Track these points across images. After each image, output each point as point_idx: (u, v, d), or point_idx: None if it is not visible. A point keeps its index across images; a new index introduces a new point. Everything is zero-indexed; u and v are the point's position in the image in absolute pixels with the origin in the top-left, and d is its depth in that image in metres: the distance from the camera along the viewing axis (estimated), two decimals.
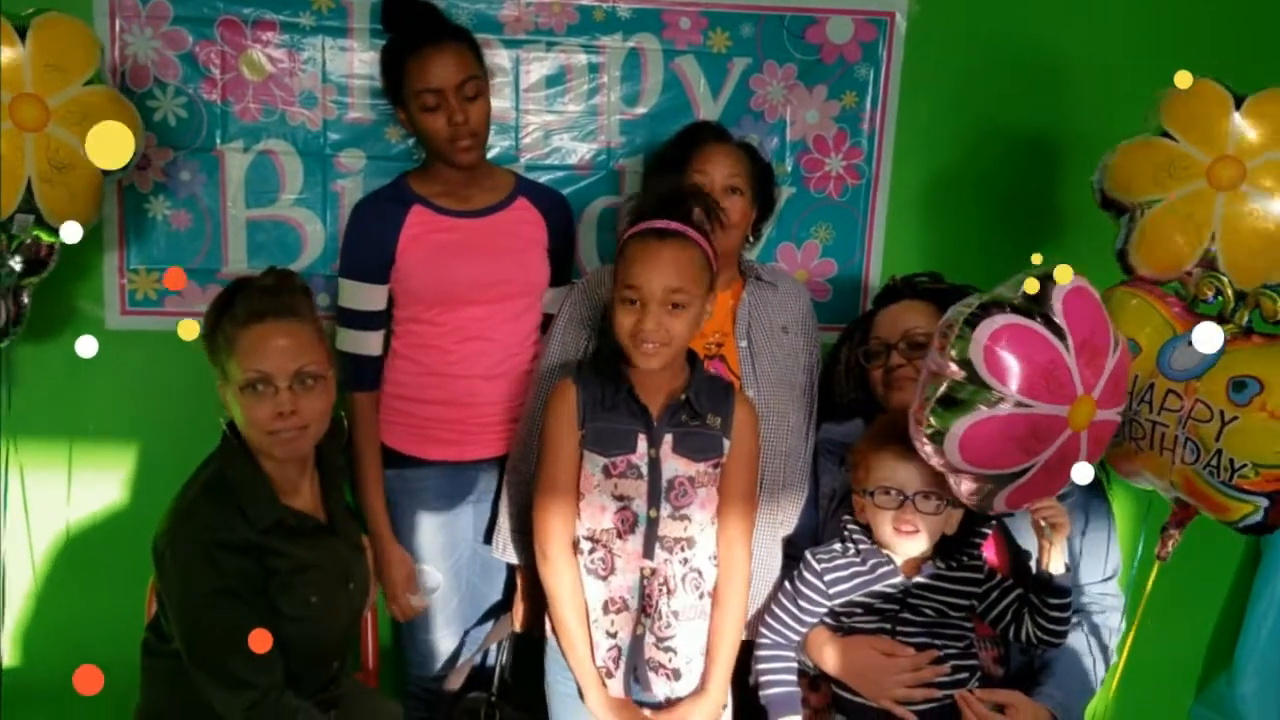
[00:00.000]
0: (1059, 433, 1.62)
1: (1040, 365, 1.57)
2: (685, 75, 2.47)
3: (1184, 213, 1.90)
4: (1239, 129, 1.86)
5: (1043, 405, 1.59)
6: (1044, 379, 1.57)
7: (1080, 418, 1.62)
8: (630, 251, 1.78)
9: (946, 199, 2.64)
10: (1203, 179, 1.87)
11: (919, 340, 2.04)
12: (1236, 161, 1.84)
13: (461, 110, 2.07)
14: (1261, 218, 1.86)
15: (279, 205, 2.39)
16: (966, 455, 1.63)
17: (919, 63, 2.54)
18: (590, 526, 1.85)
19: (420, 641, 2.30)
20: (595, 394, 1.83)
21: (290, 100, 2.35)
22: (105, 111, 1.96)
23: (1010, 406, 1.58)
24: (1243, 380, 1.74)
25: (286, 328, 1.71)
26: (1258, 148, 1.86)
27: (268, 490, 1.72)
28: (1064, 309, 1.59)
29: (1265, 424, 1.71)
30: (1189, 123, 1.90)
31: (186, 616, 1.67)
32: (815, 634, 1.93)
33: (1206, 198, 1.87)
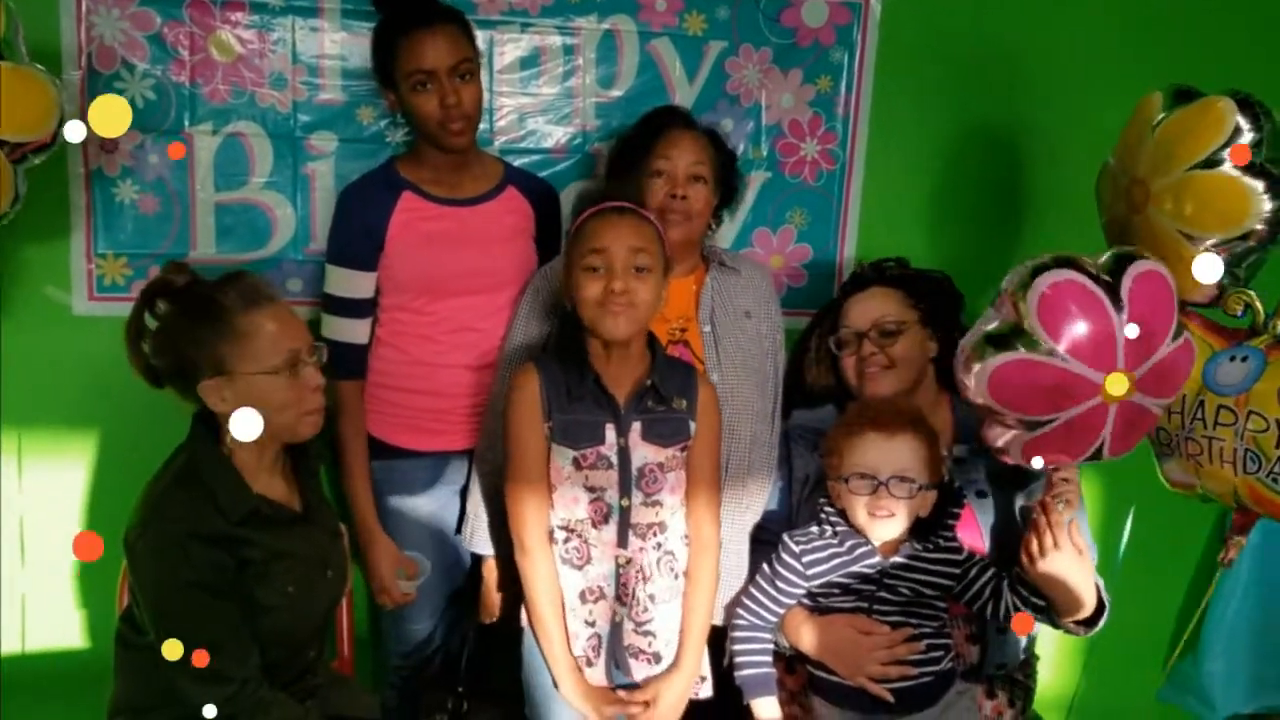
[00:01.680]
0: (1088, 397, 1.64)
1: (1088, 327, 1.60)
2: (661, 58, 2.45)
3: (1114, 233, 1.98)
4: (1152, 148, 1.86)
5: (1078, 365, 1.61)
6: (1089, 341, 1.60)
7: (1114, 390, 1.63)
8: (590, 225, 1.81)
9: (921, 184, 2.65)
10: (1123, 201, 1.91)
11: (889, 328, 2.06)
12: (1143, 185, 1.86)
13: (454, 92, 2.05)
14: (1169, 241, 1.85)
15: (248, 189, 2.35)
16: (992, 389, 1.67)
17: (893, 47, 2.54)
18: (565, 517, 1.85)
19: (402, 629, 2.30)
20: (559, 384, 1.83)
21: (260, 82, 2.32)
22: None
23: (1049, 358, 1.61)
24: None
25: (284, 307, 1.72)
26: (1163, 170, 1.85)
27: (240, 480, 1.70)
28: (1131, 284, 1.62)
29: None
30: (1121, 143, 1.95)
31: (160, 609, 1.65)
32: (792, 614, 1.95)
33: (1127, 220, 1.90)
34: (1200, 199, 1.79)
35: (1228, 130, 1.78)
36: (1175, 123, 1.84)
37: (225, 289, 1.68)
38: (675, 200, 2.02)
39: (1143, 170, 1.84)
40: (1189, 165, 1.80)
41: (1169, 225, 1.82)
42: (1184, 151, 1.81)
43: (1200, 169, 1.79)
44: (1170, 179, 1.81)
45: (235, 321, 1.66)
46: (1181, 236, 1.81)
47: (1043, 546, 1.80)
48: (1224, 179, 1.80)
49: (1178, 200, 1.81)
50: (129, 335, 1.71)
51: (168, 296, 1.71)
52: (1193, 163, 1.80)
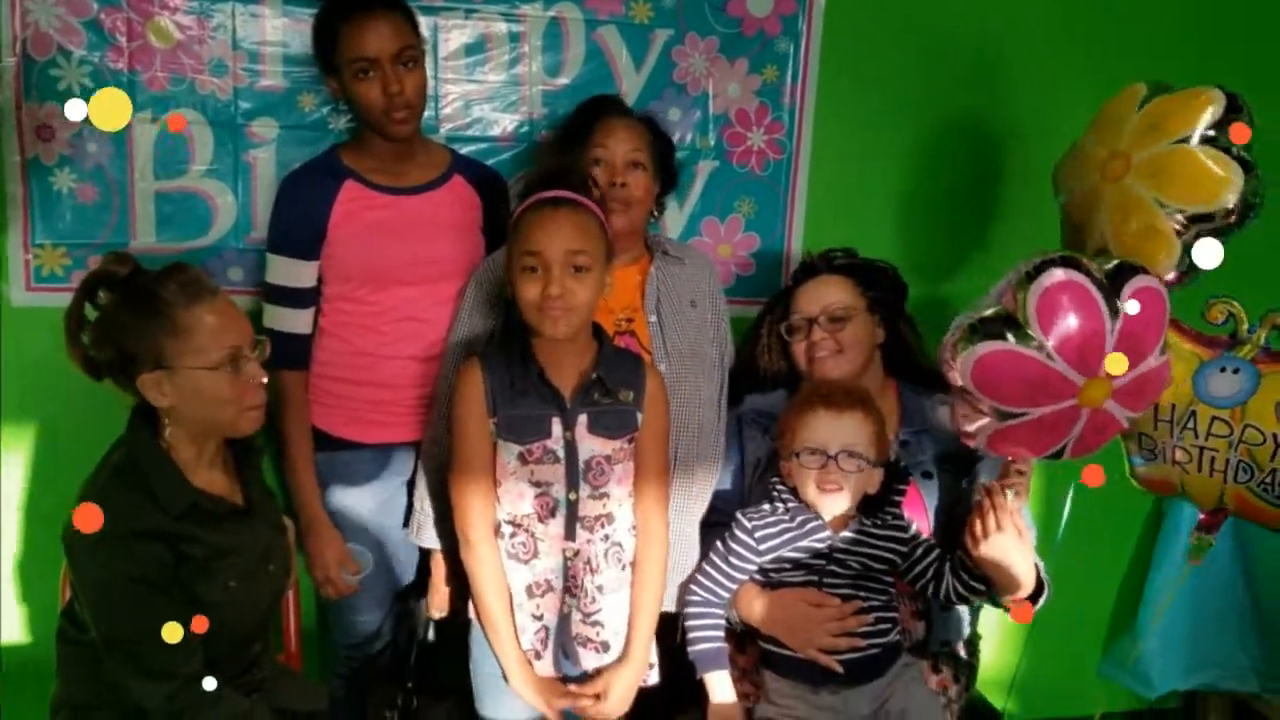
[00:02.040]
0: (1065, 397, 1.69)
1: (1081, 328, 1.65)
2: (607, 46, 2.45)
3: (1082, 204, 2.00)
4: (1135, 125, 1.92)
5: (1063, 365, 1.66)
6: (1077, 342, 1.65)
7: (1092, 395, 1.69)
8: (526, 221, 1.78)
9: (867, 174, 2.67)
10: (1097, 173, 1.95)
11: (838, 314, 2.11)
12: (1124, 156, 1.91)
13: (398, 80, 2.03)
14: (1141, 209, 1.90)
15: (189, 177, 2.32)
16: (975, 375, 1.71)
17: (838, 37, 2.56)
18: (510, 511, 1.84)
19: (349, 622, 2.28)
20: (503, 378, 1.82)
21: (200, 68, 2.28)
22: None
23: (1036, 352, 1.66)
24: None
25: (227, 300, 1.71)
26: (1146, 143, 1.90)
27: (179, 475, 1.68)
28: (1130, 292, 1.67)
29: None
30: (1100, 123, 1.99)
31: (101, 607, 1.63)
32: (745, 589, 1.98)
33: (1100, 191, 1.94)
34: (1182, 171, 1.85)
35: (1215, 112, 1.84)
36: (1163, 102, 1.90)
37: (167, 281, 1.66)
38: (615, 188, 2.01)
39: (1125, 144, 1.90)
40: (1174, 139, 1.86)
41: (1146, 194, 1.87)
42: (1170, 127, 1.87)
43: (1184, 144, 1.86)
44: (1154, 150, 1.87)
45: (177, 315, 1.63)
46: (1156, 205, 1.87)
47: (985, 529, 1.84)
48: (1206, 155, 1.85)
49: (1159, 170, 1.86)
50: (68, 326, 1.68)
51: (109, 287, 1.68)
52: (1177, 138, 1.86)
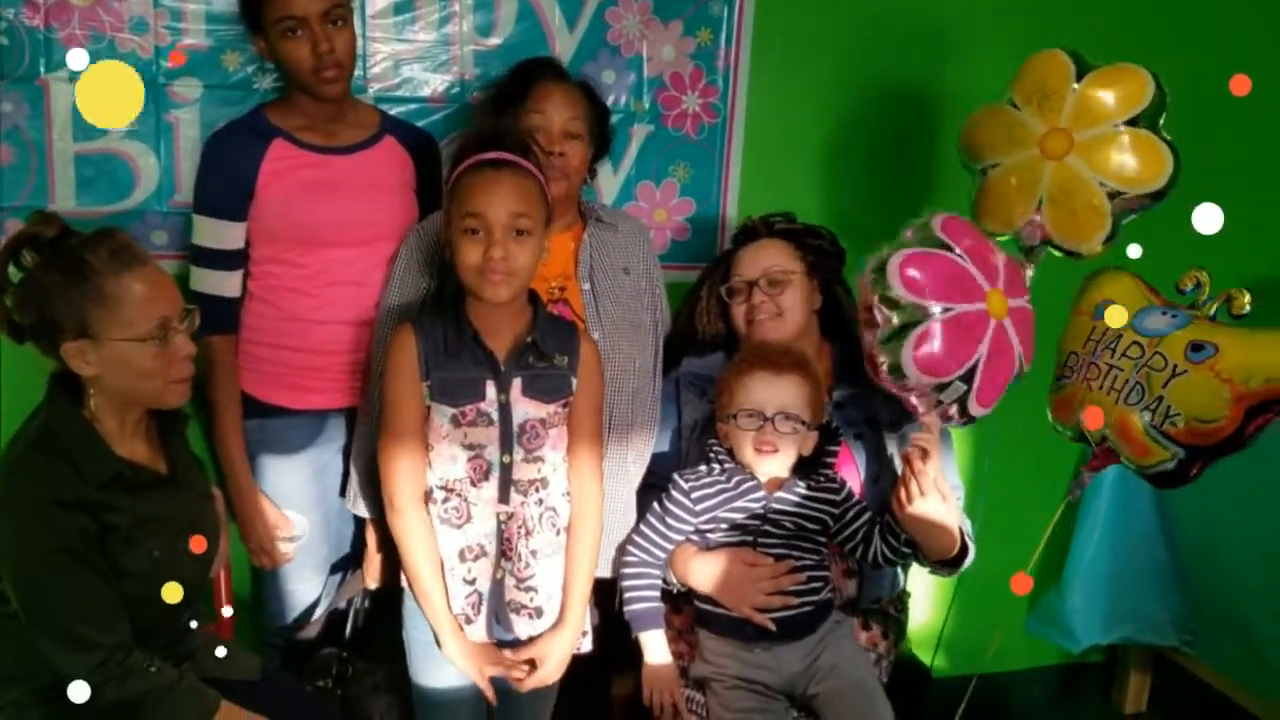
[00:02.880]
0: (986, 324, 1.85)
1: (944, 275, 1.84)
2: (540, 6, 2.41)
3: (1016, 176, 2.02)
4: (1074, 103, 1.96)
5: (962, 305, 1.83)
6: (951, 284, 1.84)
7: (997, 306, 1.87)
8: (467, 183, 1.75)
9: (802, 138, 2.67)
10: (1035, 147, 1.98)
11: (778, 277, 2.13)
12: (1066, 134, 1.95)
13: (326, 39, 1.99)
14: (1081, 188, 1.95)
15: (109, 138, 2.25)
16: (924, 368, 1.84)
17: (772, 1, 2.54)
18: (443, 476, 1.83)
19: (285, 592, 2.27)
20: (437, 341, 1.80)
21: (120, 26, 2.20)
22: None
23: (937, 318, 1.82)
24: (1202, 343, 1.87)
25: (158, 271, 1.68)
26: (1089, 122, 1.94)
27: (100, 443, 1.65)
28: (943, 230, 1.88)
29: (1208, 382, 1.84)
30: (1031, 93, 2.00)
31: (22, 578, 1.60)
32: (680, 550, 2.01)
33: (1037, 165, 1.98)
34: (1127, 153, 1.92)
35: (1149, 95, 1.92)
36: (1101, 81, 1.94)
37: (96, 247, 1.61)
38: (551, 157, 1.99)
39: (1067, 121, 1.95)
40: (1118, 122, 1.92)
41: (1089, 175, 1.93)
42: (1114, 108, 1.93)
43: (1126, 126, 1.92)
44: (1098, 131, 1.92)
45: (104, 284, 1.59)
46: (1098, 186, 1.93)
47: (909, 494, 1.91)
48: (1149, 139, 1.92)
49: (1103, 151, 1.93)
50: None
51: (35, 249, 1.63)
52: (1122, 120, 1.92)
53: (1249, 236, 2.68)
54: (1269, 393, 1.81)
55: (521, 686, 1.89)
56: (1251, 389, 1.81)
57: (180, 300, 1.69)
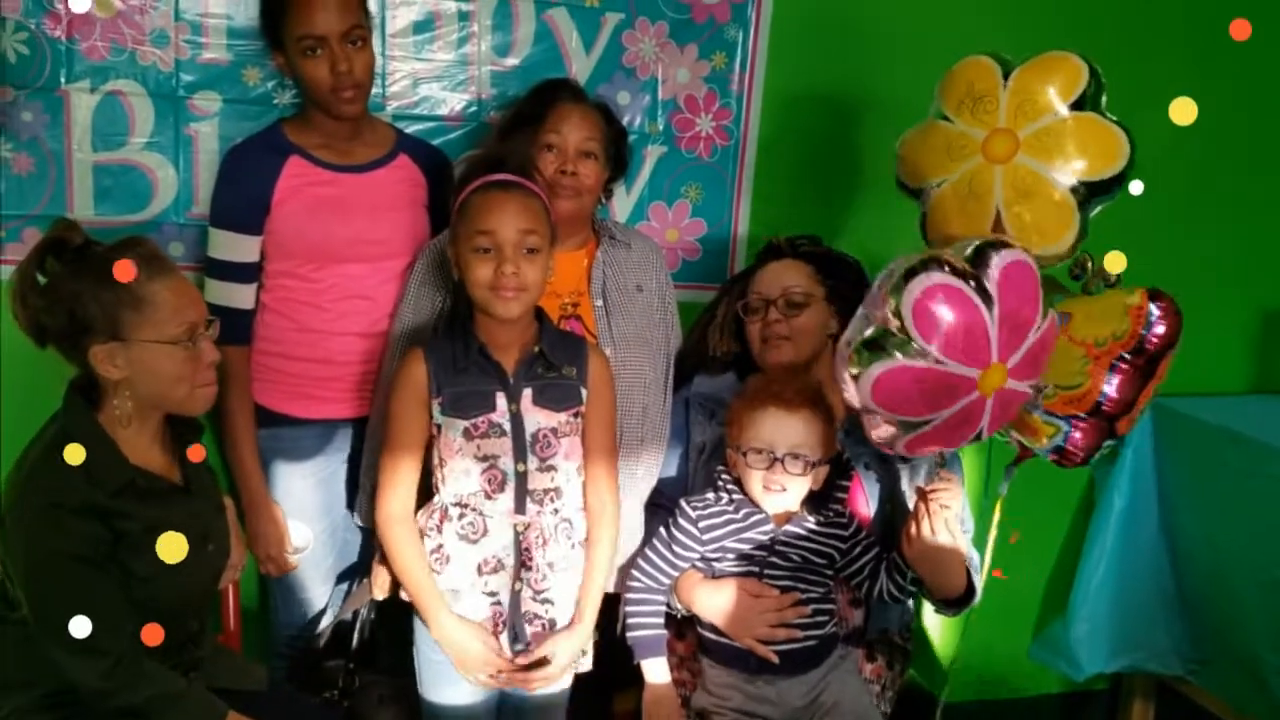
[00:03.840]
0: (966, 393, 1.69)
1: (962, 327, 1.64)
2: (557, 27, 2.44)
3: (966, 190, 1.89)
4: (1008, 99, 1.85)
5: (956, 365, 1.66)
6: (963, 341, 1.65)
7: (990, 383, 1.70)
8: (476, 203, 1.80)
9: (815, 161, 2.69)
10: (979, 155, 1.86)
11: (796, 299, 2.12)
12: (1008, 133, 1.83)
13: (345, 59, 2.01)
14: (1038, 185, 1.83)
15: (128, 149, 2.27)
16: (876, 397, 1.70)
17: (787, 26, 2.56)
18: (457, 492, 1.85)
19: (292, 600, 2.28)
20: (446, 358, 1.83)
21: (141, 39, 2.23)
22: None
23: (926, 361, 1.65)
24: (1062, 314, 1.87)
25: (184, 280, 1.70)
26: (1030, 115, 1.83)
27: (115, 451, 1.66)
28: (1000, 278, 1.66)
29: (1065, 348, 1.85)
30: (962, 100, 1.90)
31: (33, 584, 1.61)
32: (686, 577, 2.00)
33: (985, 173, 1.86)
34: (1079, 140, 1.81)
35: (1084, 77, 1.81)
36: (1030, 74, 1.84)
37: (127, 253, 1.62)
38: (565, 176, 2.02)
39: (1006, 119, 1.84)
40: (1056, 111, 1.82)
41: (1040, 169, 1.81)
42: (1048, 99, 1.82)
43: (1073, 110, 1.82)
44: (1040, 123, 1.81)
45: (136, 288, 1.60)
46: (1051, 180, 1.82)
47: (919, 532, 1.89)
48: (1095, 121, 1.82)
49: (1052, 142, 1.81)
50: (17, 289, 1.64)
51: (58, 255, 1.65)
52: (1065, 105, 1.80)
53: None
54: (1118, 346, 1.83)
55: (530, 687, 1.89)
56: (1101, 346, 1.82)
57: (204, 308, 1.72)
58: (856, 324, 1.74)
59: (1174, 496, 2.85)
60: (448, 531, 1.86)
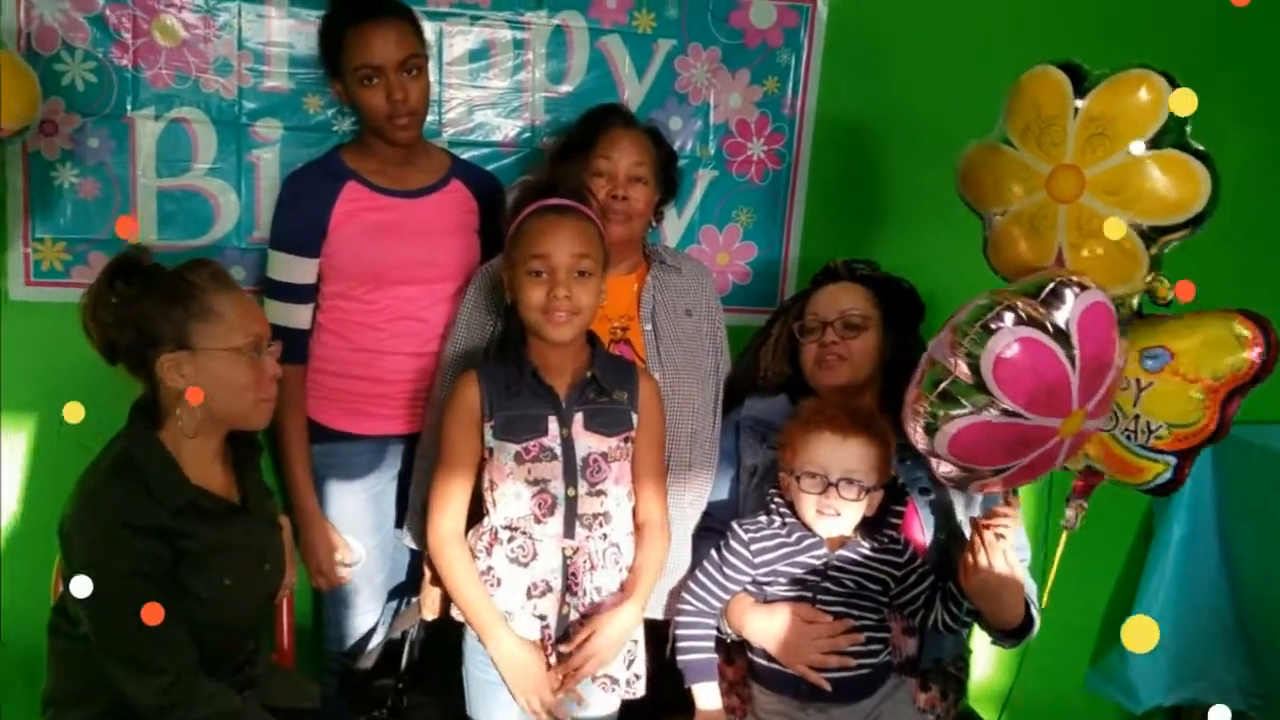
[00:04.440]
0: (1047, 440, 1.68)
1: (1045, 383, 1.62)
2: (611, 55, 2.47)
3: (1028, 224, 1.81)
4: (1078, 131, 1.72)
5: (1038, 419, 1.64)
6: (1046, 396, 1.63)
7: (1069, 429, 1.68)
8: (530, 227, 1.81)
9: (864, 185, 2.68)
10: (1043, 191, 1.76)
11: (854, 321, 2.10)
12: (1075, 171, 1.72)
13: (402, 88, 2.06)
14: (1103, 229, 1.70)
15: (191, 175, 2.33)
16: (954, 450, 1.69)
17: (839, 50, 2.57)
18: (507, 515, 1.86)
19: (343, 617, 2.31)
20: (499, 382, 1.85)
21: (205, 67, 2.29)
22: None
23: (1005, 416, 1.64)
24: (1153, 351, 1.84)
25: (250, 298, 1.77)
26: (1097, 154, 1.71)
27: (177, 471, 1.69)
28: (1080, 325, 1.62)
29: (1178, 387, 1.81)
30: (1028, 125, 1.78)
31: (95, 600, 1.62)
32: (737, 600, 1.98)
33: (1049, 210, 1.77)
34: (1149, 184, 1.68)
35: (1164, 107, 1.66)
36: (1104, 99, 1.70)
37: (198, 270, 1.70)
38: (616, 200, 2.04)
39: (1072, 156, 1.73)
40: (1129, 148, 1.69)
41: (1109, 213, 1.70)
42: (1121, 132, 1.68)
43: (1151, 145, 1.68)
44: (1108, 164, 1.69)
45: (206, 299, 1.67)
46: (1125, 223, 1.70)
47: (976, 563, 1.86)
48: (1173, 159, 1.69)
49: (1122, 184, 1.69)
50: (90, 309, 1.69)
51: (127, 276, 1.70)
52: (1141, 139, 1.69)
53: None
54: (1236, 378, 1.79)
55: (581, 674, 1.86)
56: (1220, 380, 1.79)
57: (268, 326, 1.76)
58: (926, 371, 1.71)
59: (1234, 525, 2.79)
60: (498, 554, 1.87)
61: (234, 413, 1.72)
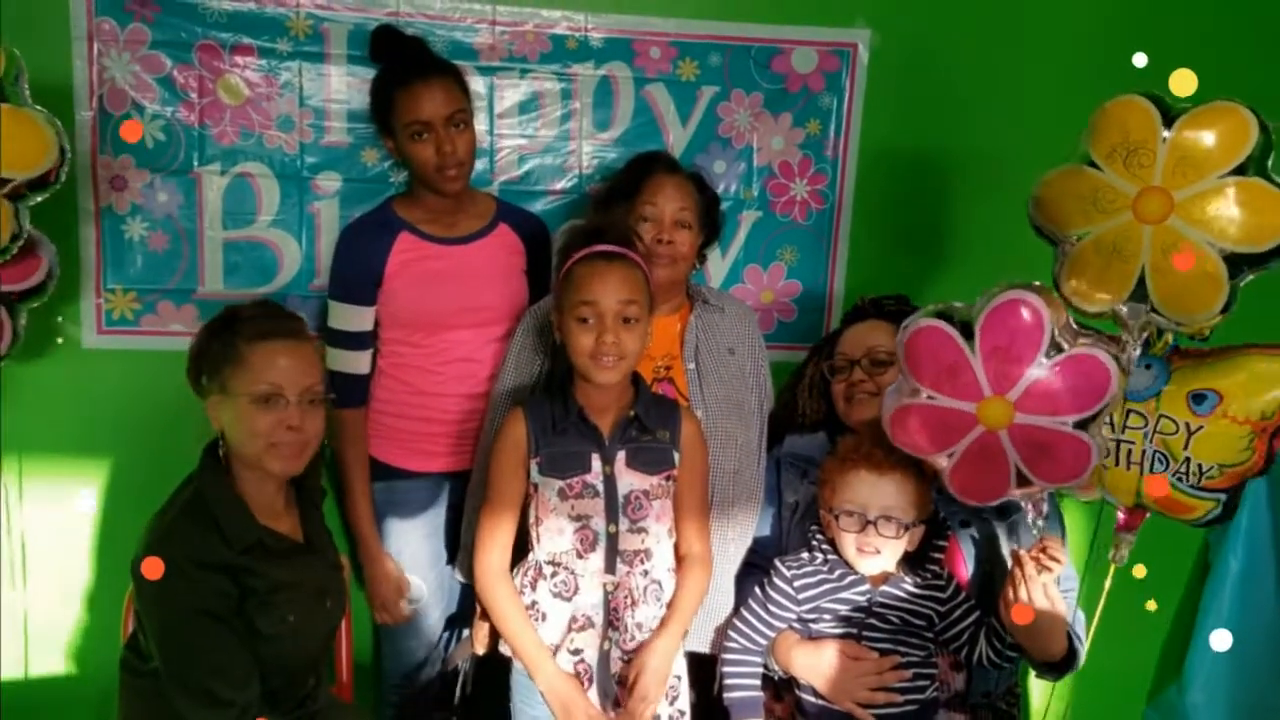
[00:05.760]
0: (969, 428, 1.73)
1: (943, 364, 1.72)
2: (655, 102, 2.53)
3: (1110, 247, 1.81)
4: (1167, 155, 1.75)
5: (946, 400, 1.73)
6: (946, 376, 1.72)
7: (992, 417, 1.70)
8: (579, 273, 1.86)
9: (907, 223, 2.71)
10: (1128, 211, 1.78)
11: (881, 358, 2.13)
12: (1163, 193, 1.74)
13: (449, 141, 2.15)
14: (1190, 253, 1.74)
15: (255, 227, 2.43)
16: (894, 434, 1.80)
17: (880, 92, 2.61)
18: (550, 551, 1.90)
19: (401, 651, 2.37)
20: (545, 420, 1.90)
21: (267, 124, 2.39)
22: None
23: (919, 398, 1.75)
24: (1201, 393, 1.86)
25: (297, 348, 1.79)
26: (1186, 178, 1.74)
27: (245, 511, 1.76)
28: (985, 319, 1.70)
29: (1228, 429, 1.83)
30: (1115, 148, 1.80)
31: (165, 636, 1.70)
32: (783, 637, 1.99)
33: (1133, 231, 1.78)
34: (1238, 206, 1.71)
35: (1253, 135, 1.71)
36: (1194, 126, 1.73)
37: (249, 317, 1.78)
38: (661, 245, 2.09)
39: (1160, 179, 1.74)
40: (1222, 173, 1.71)
41: (1195, 235, 1.73)
42: (1215, 158, 1.72)
43: (1234, 176, 1.71)
44: (1199, 187, 1.72)
45: (239, 345, 1.74)
46: (1209, 249, 1.73)
47: (1016, 597, 1.84)
48: (1262, 187, 1.72)
49: (1210, 208, 1.71)
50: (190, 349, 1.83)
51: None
52: (1225, 170, 1.71)
53: None
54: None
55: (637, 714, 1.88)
56: (1271, 420, 1.81)
57: (305, 379, 1.78)
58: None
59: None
60: (542, 589, 1.92)
61: (248, 455, 1.77)
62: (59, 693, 2.51)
